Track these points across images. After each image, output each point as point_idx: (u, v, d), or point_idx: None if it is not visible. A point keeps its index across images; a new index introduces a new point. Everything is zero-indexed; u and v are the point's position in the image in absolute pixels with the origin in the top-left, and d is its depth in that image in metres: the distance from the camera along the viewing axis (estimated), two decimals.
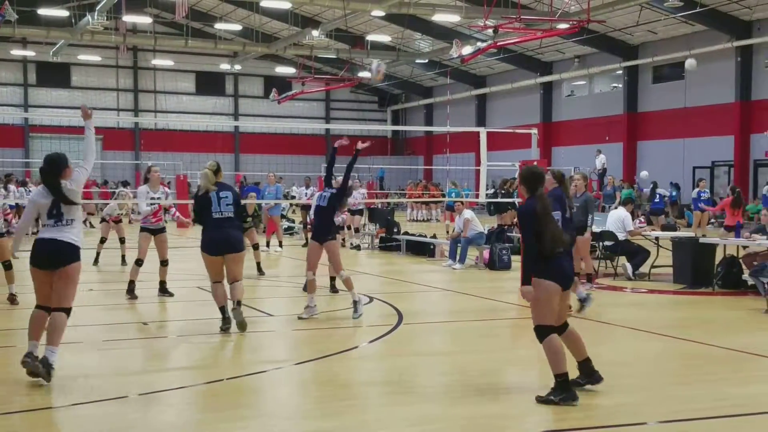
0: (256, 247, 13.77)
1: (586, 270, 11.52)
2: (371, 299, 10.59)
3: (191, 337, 8.36)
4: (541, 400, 5.72)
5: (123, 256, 14.75)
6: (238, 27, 37.82)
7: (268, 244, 17.42)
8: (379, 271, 14.73)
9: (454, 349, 8.11)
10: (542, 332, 5.80)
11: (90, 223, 23.87)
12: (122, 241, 15.14)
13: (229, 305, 8.37)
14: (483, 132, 13.98)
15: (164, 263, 10.76)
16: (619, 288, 12.18)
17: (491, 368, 7.06)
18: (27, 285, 7.38)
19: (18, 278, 9.97)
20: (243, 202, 10.58)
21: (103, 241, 15.06)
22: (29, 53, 42.08)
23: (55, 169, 6.37)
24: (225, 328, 8.28)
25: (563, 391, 5.69)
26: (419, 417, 5.52)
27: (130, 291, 10.59)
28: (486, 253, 15.02)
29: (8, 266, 9.97)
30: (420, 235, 18.46)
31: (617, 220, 13.50)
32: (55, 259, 6.21)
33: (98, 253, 14.77)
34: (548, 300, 5.79)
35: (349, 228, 19.01)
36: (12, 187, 20.69)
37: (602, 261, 13.56)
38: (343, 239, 19.17)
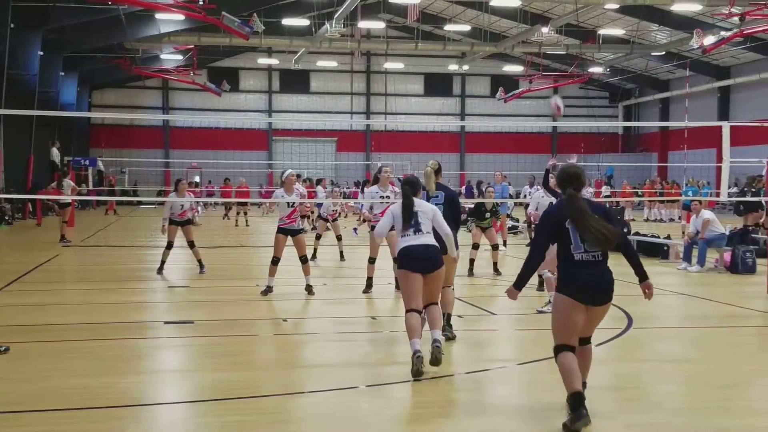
0: (495, 247, 13.90)
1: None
2: None
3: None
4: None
5: (341, 252, 15.48)
6: (466, 28, 38.23)
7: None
8: None
9: (689, 356, 7.62)
10: (554, 350, 5.30)
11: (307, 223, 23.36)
12: (339, 238, 15.94)
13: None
14: (726, 126, 13.00)
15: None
16: None
17: (733, 380, 6.53)
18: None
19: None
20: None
21: (318, 237, 15.75)
22: (273, 62, 45.40)
23: (415, 188, 7.06)
24: None
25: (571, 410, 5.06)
26: (648, 426, 5.24)
27: (369, 286, 11.14)
28: (727, 256, 14.11)
29: (276, 261, 10.76)
30: (652, 236, 17.57)
31: None
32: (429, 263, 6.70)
33: (315, 249, 15.18)
34: (558, 313, 5.24)
35: None
36: (320, 188, 22.66)
37: None
38: None
